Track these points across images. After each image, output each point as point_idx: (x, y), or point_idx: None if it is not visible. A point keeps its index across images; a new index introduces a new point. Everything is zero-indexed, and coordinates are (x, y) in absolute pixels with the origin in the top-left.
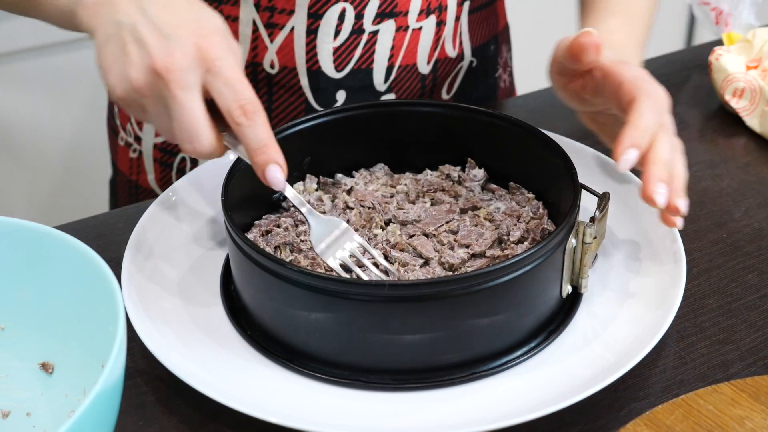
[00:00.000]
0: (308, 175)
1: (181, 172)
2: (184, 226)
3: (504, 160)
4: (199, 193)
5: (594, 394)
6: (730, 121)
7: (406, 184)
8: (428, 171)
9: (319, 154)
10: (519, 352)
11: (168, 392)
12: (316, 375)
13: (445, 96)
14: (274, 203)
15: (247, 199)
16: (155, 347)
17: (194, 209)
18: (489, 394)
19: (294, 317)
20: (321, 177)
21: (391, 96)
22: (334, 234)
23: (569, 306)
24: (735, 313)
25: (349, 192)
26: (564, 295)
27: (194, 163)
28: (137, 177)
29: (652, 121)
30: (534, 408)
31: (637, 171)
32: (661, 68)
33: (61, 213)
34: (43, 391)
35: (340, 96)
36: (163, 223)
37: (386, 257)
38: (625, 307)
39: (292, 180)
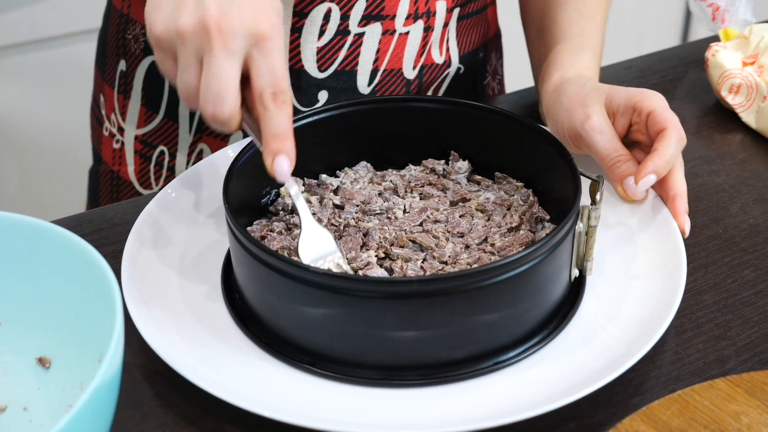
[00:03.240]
0: (293, 178)
1: (159, 165)
2: (183, 221)
3: (487, 151)
4: (198, 189)
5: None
6: (727, 117)
7: (391, 181)
8: (411, 166)
9: (300, 156)
10: (527, 345)
11: (166, 386)
12: (315, 370)
13: None
14: (263, 209)
15: (236, 205)
16: (154, 341)
17: (194, 205)
18: (498, 389)
19: (294, 313)
20: (305, 179)
21: None
22: (322, 251)
23: (576, 292)
24: (731, 309)
25: (335, 192)
26: (572, 278)
27: (172, 157)
28: (119, 168)
29: (676, 153)
30: (542, 402)
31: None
32: (657, 64)
33: (57, 206)
34: (40, 385)
35: (322, 96)
36: (163, 218)
37: (387, 255)
38: (631, 288)
39: (278, 184)
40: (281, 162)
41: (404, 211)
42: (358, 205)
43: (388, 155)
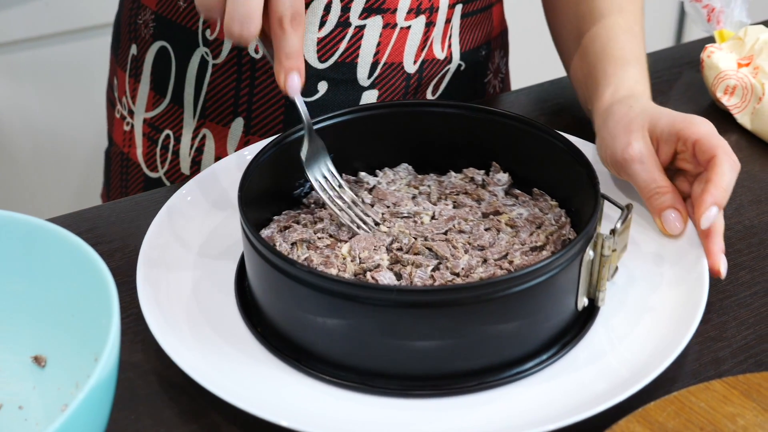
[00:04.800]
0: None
1: (164, 149)
2: (198, 223)
3: (529, 166)
4: (214, 191)
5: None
6: (722, 118)
7: (429, 185)
8: (452, 173)
9: (343, 151)
10: (530, 364)
11: (161, 386)
12: (320, 375)
13: (430, 97)
14: (295, 199)
15: (267, 194)
16: (165, 341)
17: (209, 207)
18: (495, 405)
19: (301, 317)
20: (344, 175)
21: (374, 92)
22: (323, 162)
23: (585, 318)
24: (726, 310)
25: (370, 191)
26: (579, 307)
27: (177, 141)
28: (128, 150)
29: (731, 181)
30: (543, 421)
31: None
32: (652, 65)
33: (54, 204)
34: (35, 384)
35: (322, 87)
36: (182, 218)
37: (397, 261)
38: (643, 322)
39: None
40: (293, 78)
41: (432, 218)
42: (388, 207)
43: (432, 160)
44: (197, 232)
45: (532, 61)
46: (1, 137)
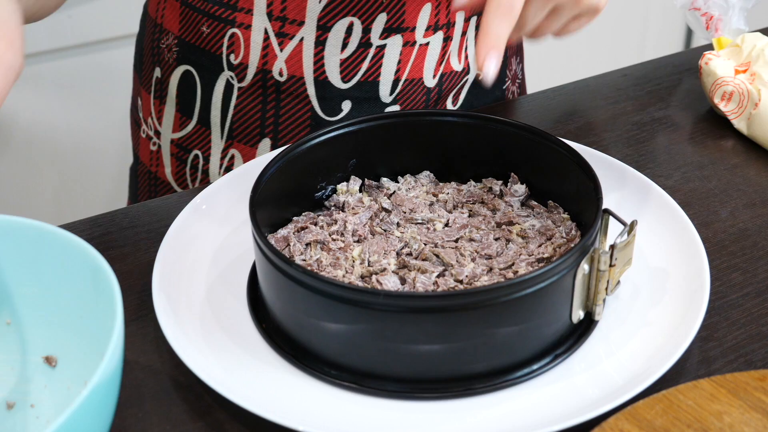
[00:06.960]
0: (353, 177)
1: (194, 168)
2: (214, 231)
3: (545, 178)
4: (230, 199)
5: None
6: (719, 123)
7: (448, 193)
8: (472, 182)
9: (366, 156)
10: (520, 373)
11: (168, 385)
12: (320, 375)
13: (450, 107)
14: (317, 201)
15: (288, 195)
16: (175, 340)
17: (224, 215)
18: (487, 411)
19: (299, 317)
20: (366, 180)
21: (396, 108)
22: None
23: (582, 331)
24: (718, 311)
25: (390, 196)
26: (575, 320)
27: (206, 161)
28: (156, 169)
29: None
30: (532, 426)
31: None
32: (653, 72)
33: (75, 211)
34: (46, 383)
35: (346, 106)
36: (194, 229)
37: (404, 265)
38: (639, 336)
39: (336, 180)
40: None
41: (446, 225)
42: (405, 212)
43: (455, 169)
44: (215, 235)
45: (545, 63)
46: (26, 146)
